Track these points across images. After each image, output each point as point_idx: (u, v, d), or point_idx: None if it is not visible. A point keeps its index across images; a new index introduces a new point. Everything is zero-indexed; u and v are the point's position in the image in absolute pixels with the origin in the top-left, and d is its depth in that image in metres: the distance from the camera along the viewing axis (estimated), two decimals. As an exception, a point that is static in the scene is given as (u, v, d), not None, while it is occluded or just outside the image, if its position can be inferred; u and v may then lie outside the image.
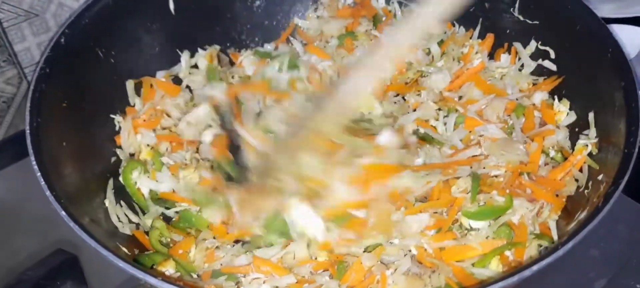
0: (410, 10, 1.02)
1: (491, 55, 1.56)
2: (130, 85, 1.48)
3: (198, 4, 1.58)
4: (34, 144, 1.13)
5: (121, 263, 0.99)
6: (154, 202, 1.34)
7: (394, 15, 1.67)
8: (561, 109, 1.39)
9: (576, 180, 1.26)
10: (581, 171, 1.26)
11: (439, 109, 1.45)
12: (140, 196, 1.34)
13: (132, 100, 1.48)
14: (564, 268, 1.18)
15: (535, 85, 1.47)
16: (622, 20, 1.66)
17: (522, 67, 1.52)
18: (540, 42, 1.48)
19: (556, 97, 1.42)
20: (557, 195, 1.24)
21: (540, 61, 1.48)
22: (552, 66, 1.46)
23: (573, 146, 1.32)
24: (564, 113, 1.38)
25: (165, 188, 1.34)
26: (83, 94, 1.34)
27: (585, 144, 1.28)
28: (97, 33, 1.39)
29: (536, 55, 1.49)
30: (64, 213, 1.04)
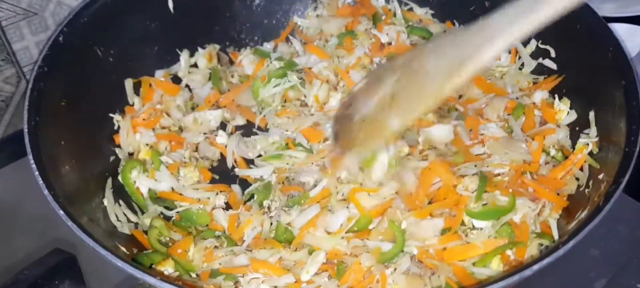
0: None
1: (491, 54, 1.55)
2: (129, 84, 1.48)
3: (197, 2, 1.58)
4: (32, 143, 1.13)
5: (119, 263, 0.98)
6: (152, 201, 1.33)
7: (393, 14, 1.67)
8: (562, 107, 1.38)
9: (577, 179, 1.26)
10: (582, 170, 1.26)
11: (439, 107, 1.44)
12: (139, 195, 1.34)
13: (131, 99, 1.48)
14: (564, 268, 1.18)
15: (536, 84, 1.47)
16: (622, 19, 1.66)
17: (522, 65, 1.51)
18: (540, 41, 1.48)
19: (557, 95, 1.41)
20: (558, 194, 1.24)
21: (540, 60, 1.48)
22: (553, 65, 1.46)
23: (574, 145, 1.32)
24: (564, 112, 1.38)
25: (164, 187, 1.34)
26: (82, 93, 1.33)
27: (586, 142, 1.27)
28: (95, 31, 1.38)
29: (536, 54, 1.49)
30: (62, 212, 1.04)
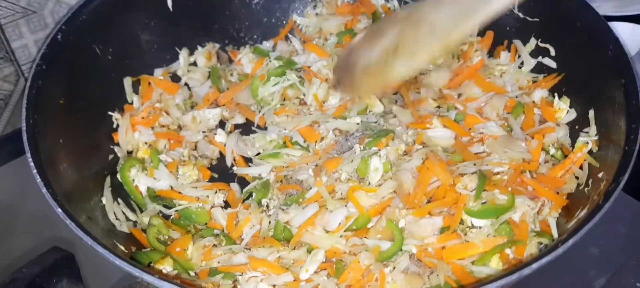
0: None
1: (491, 53, 1.55)
2: (128, 82, 1.48)
3: (196, 1, 1.57)
4: (30, 141, 1.13)
5: (118, 261, 0.98)
6: (151, 199, 1.33)
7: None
8: (561, 106, 1.38)
9: (576, 178, 1.26)
10: (581, 169, 1.26)
11: (438, 106, 1.44)
12: (137, 194, 1.34)
13: (130, 97, 1.48)
14: (563, 267, 1.18)
15: (535, 83, 1.46)
16: (622, 18, 1.65)
17: (521, 64, 1.51)
18: (540, 40, 1.47)
19: (556, 94, 1.41)
20: (558, 192, 1.24)
21: (540, 58, 1.48)
22: (552, 63, 1.45)
23: (573, 144, 1.32)
24: (564, 110, 1.37)
25: (162, 185, 1.34)
26: (80, 91, 1.33)
27: (586, 141, 1.27)
28: (94, 30, 1.38)
29: (536, 53, 1.49)
30: (60, 210, 1.04)
